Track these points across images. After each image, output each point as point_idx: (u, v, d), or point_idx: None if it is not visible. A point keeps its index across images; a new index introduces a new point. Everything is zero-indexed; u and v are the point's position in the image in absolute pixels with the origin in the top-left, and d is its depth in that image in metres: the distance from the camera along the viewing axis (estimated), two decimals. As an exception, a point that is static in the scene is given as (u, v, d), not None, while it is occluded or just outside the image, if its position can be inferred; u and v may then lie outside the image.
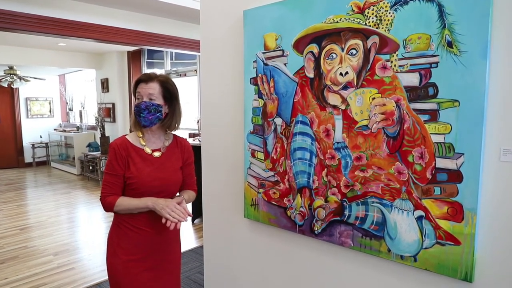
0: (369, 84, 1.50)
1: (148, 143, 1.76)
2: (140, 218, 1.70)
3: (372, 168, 1.53)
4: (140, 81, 1.74)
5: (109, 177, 1.68)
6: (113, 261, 1.74)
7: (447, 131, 1.31)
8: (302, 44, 1.70)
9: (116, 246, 1.73)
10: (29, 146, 9.81)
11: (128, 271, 1.70)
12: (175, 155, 1.82)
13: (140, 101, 1.71)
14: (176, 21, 5.40)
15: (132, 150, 1.71)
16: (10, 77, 7.79)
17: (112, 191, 1.68)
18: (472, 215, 1.28)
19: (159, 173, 1.73)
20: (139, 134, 1.76)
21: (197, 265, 3.64)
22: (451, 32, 1.28)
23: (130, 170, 1.68)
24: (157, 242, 1.77)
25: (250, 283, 2.15)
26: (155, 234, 1.75)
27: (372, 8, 1.47)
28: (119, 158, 1.67)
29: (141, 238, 1.72)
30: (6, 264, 3.74)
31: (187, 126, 6.85)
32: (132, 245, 1.71)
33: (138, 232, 1.71)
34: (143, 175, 1.69)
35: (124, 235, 1.72)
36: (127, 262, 1.71)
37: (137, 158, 1.70)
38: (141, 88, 1.72)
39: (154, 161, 1.74)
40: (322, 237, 1.72)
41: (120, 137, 1.76)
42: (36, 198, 6.50)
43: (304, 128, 1.74)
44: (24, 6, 4.05)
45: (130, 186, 1.69)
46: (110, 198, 1.67)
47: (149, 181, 1.69)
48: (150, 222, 1.72)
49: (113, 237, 1.75)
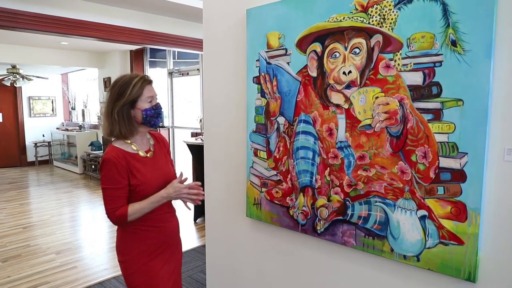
0: (372, 83, 1.50)
1: (139, 147, 1.73)
2: (153, 216, 1.72)
3: (375, 167, 1.52)
4: (149, 82, 1.71)
5: (112, 191, 1.62)
6: (133, 268, 1.71)
7: (451, 130, 1.31)
8: (305, 43, 1.70)
9: (136, 253, 1.70)
10: (32, 145, 9.84)
11: (149, 273, 1.72)
12: (161, 150, 1.84)
13: (156, 103, 1.72)
14: (179, 20, 5.40)
15: (130, 158, 1.66)
16: (13, 76, 7.81)
17: (118, 204, 1.62)
18: (475, 214, 1.28)
19: (159, 172, 1.74)
20: (127, 141, 1.70)
21: (200, 264, 3.64)
22: (455, 31, 1.28)
23: (136, 178, 1.65)
24: (170, 234, 1.82)
25: (252, 282, 2.15)
26: (168, 227, 1.80)
27: (376, 6, 1.46)
28: (120, 169, 1.61)
29: (160, 234, 1.76)
30: (8, 263, 3.75)
31: (189, 125, 6.86)
32: (152, 243, 1.73)
33: (156, 230, 1.74)
34: (149, 178, 1.68)
35: (144, 238, 1.71)
36: (147, 263, 1.71)
37: (137, 164, 1.68)
38: (150, 90, 1.70)
39: (151, 162, 1.74)
40: (325, 236, 1.72)
41: (112, 148, 1.67)
42: (38, 197, 6.52)
43: (307, 127, 1.74)
44: (27, 4, 4.06)
45: (138, 193, 1.65)
46: (119, 211, 1.62)
47: (155, 183, 1.70)
48: (163, 216, 1.76)
49: (130, 245, 1.71)
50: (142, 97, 1.67)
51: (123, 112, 1.65)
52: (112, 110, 1.65)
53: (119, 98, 1.64)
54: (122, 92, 1.64)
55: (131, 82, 1.65)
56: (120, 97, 1.64)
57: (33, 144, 9.80)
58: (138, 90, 1.66)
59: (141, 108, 1.67)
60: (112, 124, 1.67)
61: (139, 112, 1.67)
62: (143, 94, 1.67)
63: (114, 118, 1.65)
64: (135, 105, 1.67)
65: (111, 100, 1.66)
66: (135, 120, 1.69)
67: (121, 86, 1.65)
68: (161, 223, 1.76)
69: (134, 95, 1.64)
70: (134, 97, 1.65)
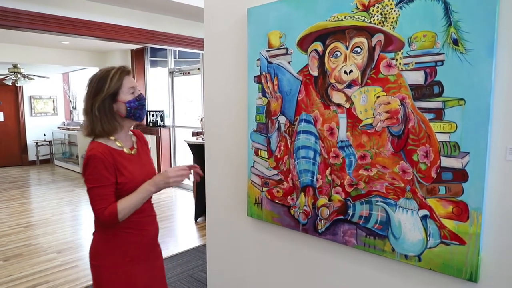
0: (373, 83, 1.49)
1: (123, 143, 1.64)
2: (137, 219, 1.63)
3: (376, 167, 1.52)
4: (127, 73, 1.61)
5: (100, 190, 1.51)
6: (112, 274, 1.61)
7: (453, 130, 1.30)
8: (306, 42, 1.69)
9: (115, 257, 1.60)
10: (33, 144, 9.85)
11: (132, 280, 1.63)
12: (143, 147, 1.77)
13: (139, 94, 1.63)
14: (179, 19, 5.40)
15: (117, 155, 1.57)
16: (14, 75, 7.83)
17: (108, 202, 1.51)
18: (477, 214, 1.27)
19: (144, 170, 1.67)
20: (111, 137, 1.60)
21: (200, 264, 3.64)
22: (457, 30, 1.27)
23: (123, 176, 1.56)
24: (153, 238, 1.75)
25: (253, 282, 2.15)
26: (151, 230, 1.72)
27: (377, 6, 1.46)
28: (108, 166, 1.52)
29: (144, 238, 1.68)
30: (10, 262, 3.76)
31: (190, 124, 6.86)
32: (135, 248, 1.64)
33: (139, 234, 1.65)
34: (136, 176, 1.60)
35: (127, 242, 1.62)
36: (130, 270, 1.62)
37: (124, 162, 1.59)
38: (130, 81, 1.61)
39: (136, 159, 1.67)
40: (326, 236, 1.72)
41: (96, 145, 1.56)
42: (39, 196, 6.52)
43: (308, 126, 1.73)
44: (28, 4, 4.06)
45: (124, 192, 1.56)
46: (109, 209, 1.51)
47: (141, 180, 1.61)
48: (146, 219, 1.69)
49: (109, 248, 1.61)
50: (122, 89, 1.58)
51: (104, 107, 1.55)
52: (92, 107, 1.56)
53: (98, 92, 1.55)
54: (101, 86, 1.55)
55: (108, 75, 1.56)
56: (99, 92, 1.55)
57: (34, 143, 9.81)
58: (117, 82, 1.57)
59: (124, 101, 1.58)
60: (93, 122, 1.56)
61: (122, 105, 1.58)
62: (123, 85, 1.58)
63: (95, 115, 1.55)
64: (117, 98, 1.57)
65: (89, 96, 1.56)
66: (119, 114, 1.60)
67: (98, 80, 1.56)
68: (145, 226, 1.67)
69: (113, 87, 1.55)
70: (114, 89, 1.56)
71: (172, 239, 4.44)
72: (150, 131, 7.35)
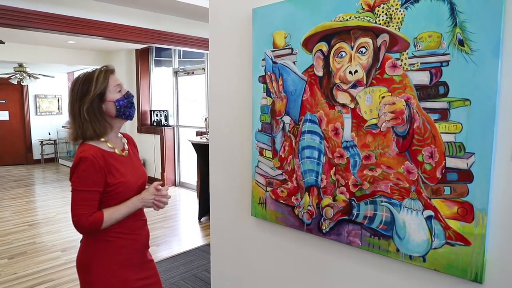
0: (378, 83, 1.49)
1: (114, 145, 1.63)
2: (129, 222, 1.61)
3: (381, 167, 1.52)
4: (111, 72, 1.59)
5: (86, 194, 1.48)
6: (106, 285, 1.57)
7: (458, 130, 1.30)
8: (311, 43, 1.69)
9: (109, 266, 1.56)
10: (38, 143, 9.91)
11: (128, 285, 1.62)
12: (133, 150, 1.76)
13: (126, 92, 1.62)
14: (184, 19, 5.42)
15: (109, 157, 1.55)
16: (20, 74, 7.88)
17: (93, 209, 1.49)
18: (482, 215, 1.27)
19: (136, 172, 1.65)
20: (101, 139, 1.58)
21: (204, 263, 3.65)
22: (462, 30, 1.27)
23: (115, 178, 1.53)
24: (145, 243, 1.73)
25: (257, 282, 2.15)
26: (144, 235, 1.71)
27: (382, 6, 1.46)
28: (98, 170, 1.48)
29: (136, 243, 1.65)
30: (15, 260, 3.79)
31: (194, 124, 6.87)
32: (129, 253, 1.62)
33: (131, 238, 1.64)
34: (128, 178, 1.58)
35: (119, 247, 1.59)
36: (126, 279, 1.60)
37: (117, 164, 1.57)
38: (115, 79, 1.60)
39: (128, 161, 1.65)
40: (330, 236, 1.72)
41: (87, 147, 1.53)
42: (44, 195, 6.56)
43: (313, 126, 1.73)
44: (34, 4, 4.08)
45: (116, 195, 1.54)
46: (93, 216, 1.47)
47: (134, 183, 1.60)
48: (138, 223, 1.68)
49: (101, 257, 1.56)
50: (109, 88, 1.56)
51: (93, 108, 1.53)
52: (79, 110, 1.52)
53: (85, 94, 1.52)
54: (87, 87, 1.53)
55: (93, 76, 1.55)
56: (85, 94, 1.52)
57: (39, 142, 9.88)
58: (103, 81, 1.55)
59: (112, 100, 1.57)
60: (82, 125, 1.53)
61: (111, 104, 1.57)
62: (109, 84, 1.56)
63: (84, 118, 1.52)
64: (104, 98, 1.55)
65: (76, 99, 1.54)
66: (108, 114, 1.58)
67: (83, 82, 1.54)
68: (137, 230, 1.65)
69: (100, 87, 1.54)
70: (101, 89, 1.54)
71: (176, 238, 4.45)
72: (154, 130, 7.37)
